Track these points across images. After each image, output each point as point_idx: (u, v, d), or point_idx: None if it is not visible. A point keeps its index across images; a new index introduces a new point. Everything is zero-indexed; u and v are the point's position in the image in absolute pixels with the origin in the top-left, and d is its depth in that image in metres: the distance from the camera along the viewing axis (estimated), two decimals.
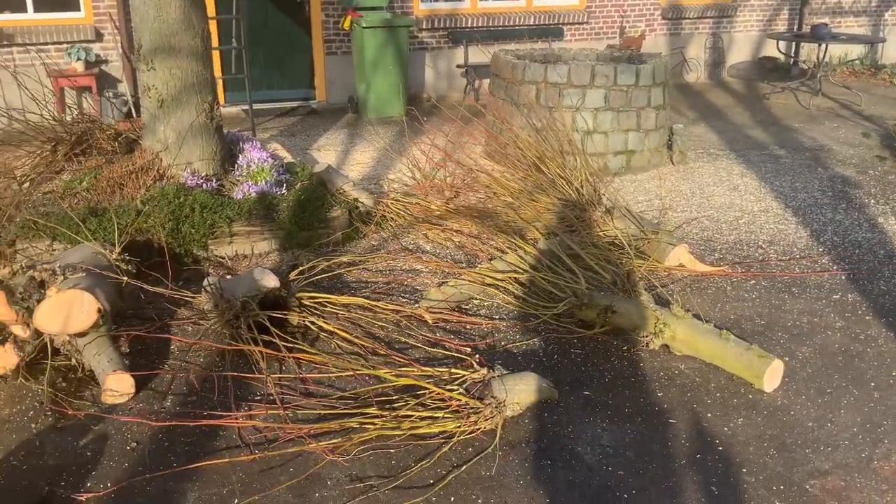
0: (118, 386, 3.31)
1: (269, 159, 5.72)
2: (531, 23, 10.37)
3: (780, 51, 11.08)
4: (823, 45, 10.02)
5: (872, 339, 3.87)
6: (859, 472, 2.86)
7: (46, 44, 8.33)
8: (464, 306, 4.20)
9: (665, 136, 7.15)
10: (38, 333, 3.39)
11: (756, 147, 7.76)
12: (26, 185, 5.29)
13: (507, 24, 10.24)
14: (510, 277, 4.29)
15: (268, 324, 3.57)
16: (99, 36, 8.57)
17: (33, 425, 3.16)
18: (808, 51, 11.64)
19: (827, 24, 9.98)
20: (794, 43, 11.40)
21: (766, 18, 11.80)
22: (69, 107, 7.20)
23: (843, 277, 4.61)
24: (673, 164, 7.13)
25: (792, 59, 11.64)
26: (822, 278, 4.60)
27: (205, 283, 3.88)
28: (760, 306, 4.25)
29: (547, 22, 10.46)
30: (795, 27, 11.79)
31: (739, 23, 11.68)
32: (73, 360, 3.49)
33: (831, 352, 3.75)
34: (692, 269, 4.68)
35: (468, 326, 3.98)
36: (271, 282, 3.72)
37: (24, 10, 8.34)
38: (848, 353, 3.74)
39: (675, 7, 11.18)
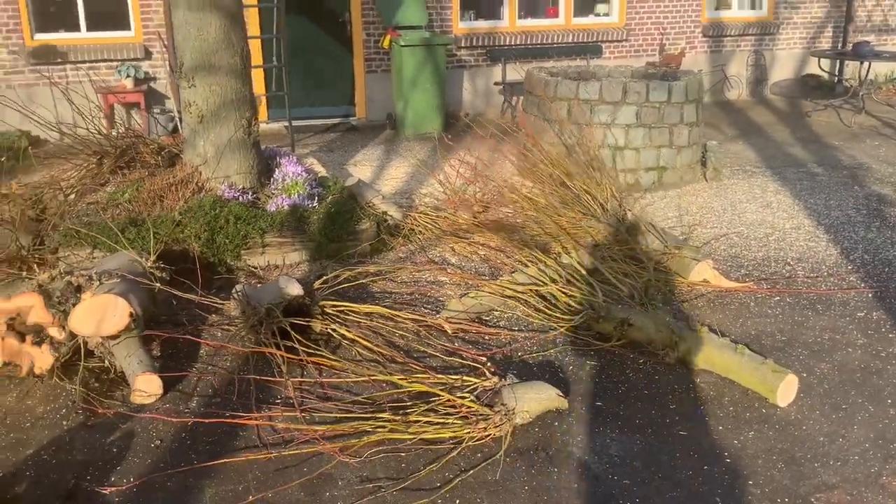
0: (147, 387, 3.47)
1: (304, 173, 5.88)
2: (570, 41, 10.45)
3: (821, 69, 10.96)
4: (866, 63, 9.89)
5: (894, 357, 3.83)
6: (866, 487, 2.85)
7: (98, 61, 8.69)
8: (484, 317, 4.28)
9: (698, 152, 7.14)
10: (72, 335, 3.56)
11: (793, 164, 7.69)
12: (72, 196, 5.53)
13: (545, 41, 10.33)
14: (530, 290, 4.36)
15: (289, 329, 3.70)
16: (148, 54, 8.91)
17: (65, 422, 3.33)
18: (853, 69, 11.48)
19: (869, 42, 9.86)
20: (837, 61, 11.27)
21: (809, 36, 11.69)
22: (117, 122, 7.48)
23: (870, 295, 4.56)
24: (706, 180, 7.12)
25: (836, 77, 11.50)
26: (849, 296, 4.56)
27: (234, 290, 4.03)
28: (783, 322, 4.23)
29: (586, 40, 10.53)
30: (840, 45, 11.65)
31: (782, 40, 11.59)
32: (105, 361, 3.65)
33: (850, 368, 3.73)
34: (716, 284, 4.68)
35: (486, 337, 4.06)
36: (295, 290, 3.85)
37: (78, 28, 8.72)
38: (867, 369, 3.72)
39: (715, 25, 11.16)
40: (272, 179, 5.87)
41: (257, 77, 9.09)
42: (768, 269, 5.03)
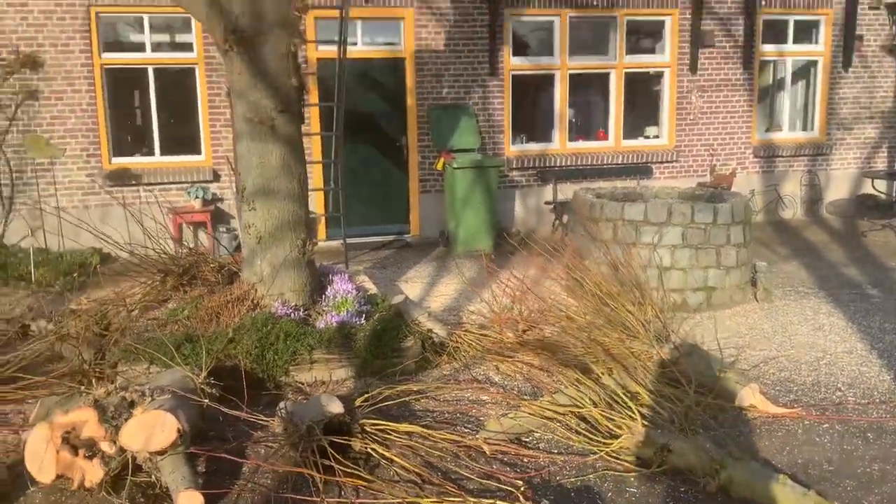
0: (189, 503, 3.55)
1: (354, 291, 6.08)
2: (619, 162, 10.70)
3: (875, 189, 10.92)
4: None
5: None
6: None
7: (169, 183, 9.25)
8: (523, 438, 4.28)
9: (748, 273, 7.13)
10: (122, 450, 3.71)
11: (848, 286, 7.60)
12: (135, 311, 5.82)
13: (595, 163, 10.60)
14: (571, 411, 4.36)
15: (329, 448, 3.77)
16: (216, 177, 9.46)
17: None
18: None
19: None
20: (893, 181, 11.24)
21: (863, 156, 11.72)
22: (183, 243, 7.90)
23: None
24: (757, 301, 7.07)
25: (893, 197, 11.42)
26: None
27: (278, 407, 4.15)
28: (831, 451, 4.13)
29: (636, 161, 10.76)
30: (895, 165, 11.64)
31: (836, 161, 11.63)
32: (152, 476, 3.77)
33: None
34: (763, 409, 4.60)
35: (525, 459, 4.05)
36: (336, 408, 3.95)
37: (153, 153, 9.37)
38: None
39: (766, 146, 11.30)
40: (324, 296, 6.07)
41: (317, 197, 9.54)
42: (818, 394, 4.93)
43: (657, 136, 11.08)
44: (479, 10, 10.00)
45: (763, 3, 10.88)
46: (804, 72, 11.66)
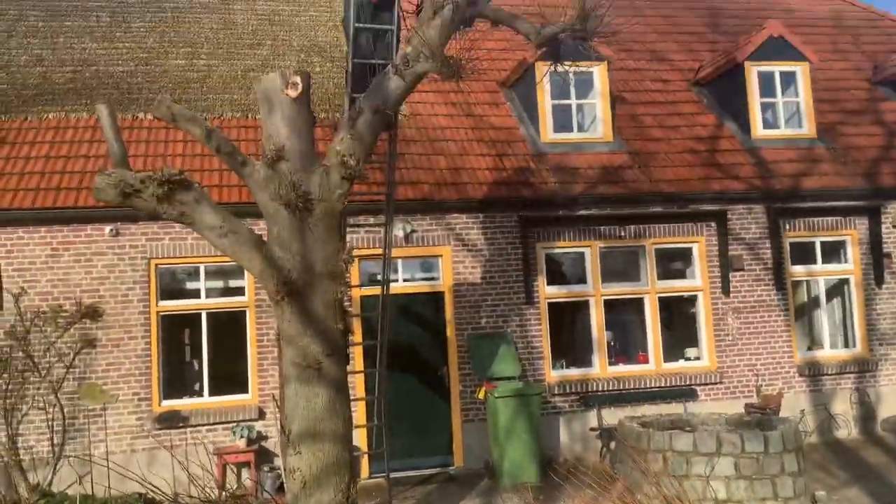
0: None
1: None
2: (662, 385, 10.64)
3: None
4: None
5: None
6: None
7: (216, 423, 9.37)
8: None
9: (807, 503, 6.84)
10: None
11: None
12: None
13: (637, 386, 10.55)
14: None
15: None
16: (262, 414, 9.58)
17: None
18: None
19: None
20: None
21: None
22: (227, 487, 7.87)
23: None
24: None
25: None
26: None
27: None
28: None
29: (679, 383, 10.69)
30: None
31: (884, 376, 11.44)
32: None
33: None
34: None
35: None
36: None
37: (201, 394, 9.60)
38: None
39: (811, 364, 11.19)
40: None
41: (361, 433, 9.53)
42: None
43: (698, 358, 11.07)
44: (512, 244, 10.52)
45: (787, 227, 11.30)
46: (838, 289, 11.82)
